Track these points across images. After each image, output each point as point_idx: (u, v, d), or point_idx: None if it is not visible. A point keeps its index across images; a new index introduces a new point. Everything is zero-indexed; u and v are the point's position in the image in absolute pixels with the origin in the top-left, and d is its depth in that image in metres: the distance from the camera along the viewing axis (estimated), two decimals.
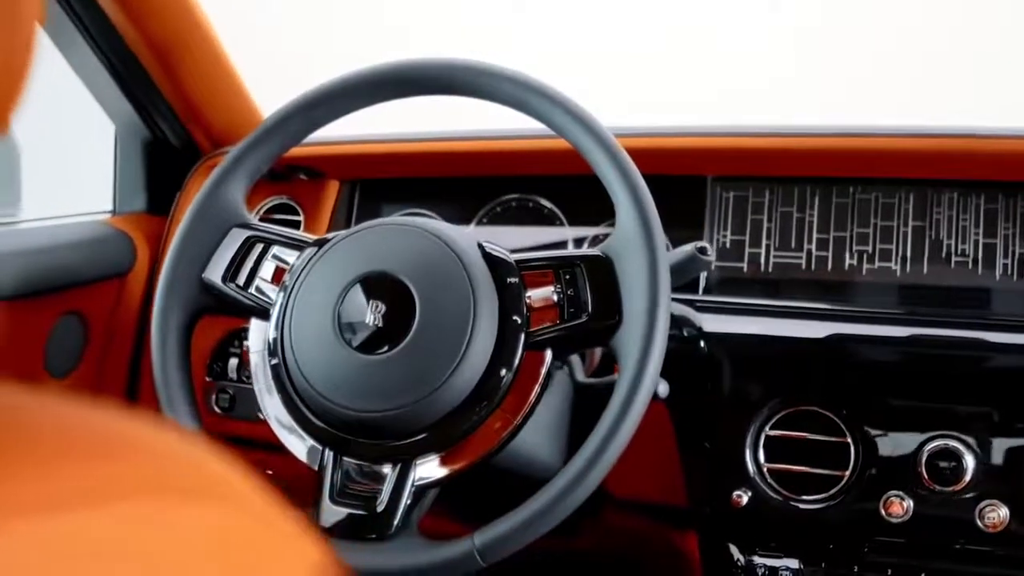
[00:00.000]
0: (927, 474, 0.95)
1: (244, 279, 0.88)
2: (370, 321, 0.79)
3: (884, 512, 0.96)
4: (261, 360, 0.86)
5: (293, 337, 0.82)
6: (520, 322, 0.79)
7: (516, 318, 0.79)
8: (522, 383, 0.79)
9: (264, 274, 0.88)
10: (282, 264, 0.88)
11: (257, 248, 0.89)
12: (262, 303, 0.87)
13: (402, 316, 0.78)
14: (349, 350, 0.79)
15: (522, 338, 0.79)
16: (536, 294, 0.80)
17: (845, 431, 0.98)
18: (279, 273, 0.87)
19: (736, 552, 1.03)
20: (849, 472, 0.97)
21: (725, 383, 1.03)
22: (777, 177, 1.09)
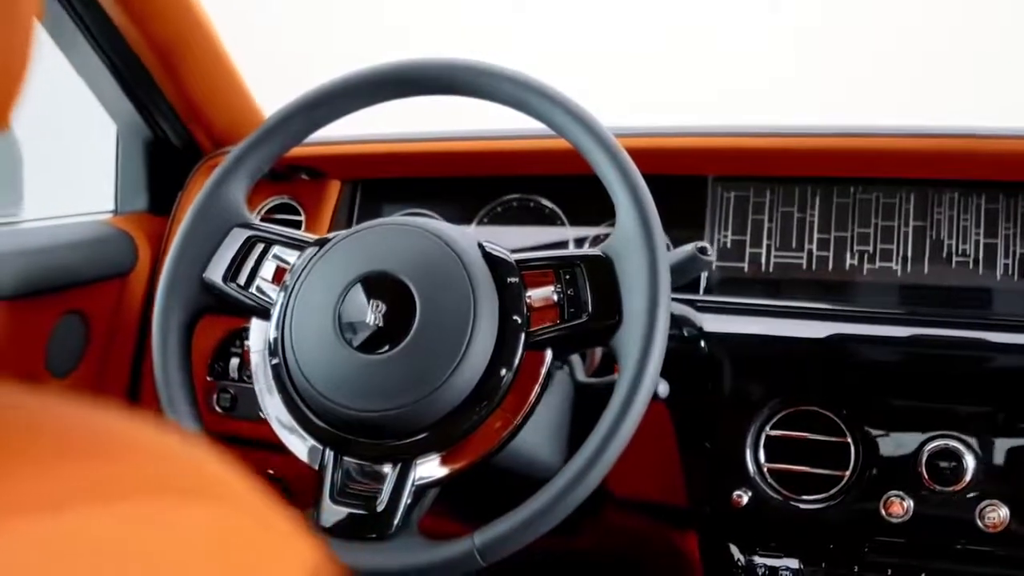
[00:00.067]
0: (927, 474, 0.95)
1: (245, 279, 0.88)
2: (370, 321, 0.79)
3: (884, 512, 0.96)
4: (262, 360, 0.86)
5: (294, 337, 0.82)
6: (520, 322, 0.79)
7: (516, 318, 0.79)
8: (522, 383, 0.79)
9: (265, 274, 0.88)
10: (283, 264, 0.88)
11: (258, 248, 0.89)
12: (263, 303, 0.87)
13: (402, 316, 0.78)
14: (350, 350, 0.79)
15: (522, 338, 0.79)
16: (536, 294, 0.80)
17: (845, 431, 0.98)
18: (280, 273, 0.87)
19: (736, 552, 1.03)
20: (849, 472, 0.98)
21: (725, 383, 1.03)
22: (778, 177, 1.09)
